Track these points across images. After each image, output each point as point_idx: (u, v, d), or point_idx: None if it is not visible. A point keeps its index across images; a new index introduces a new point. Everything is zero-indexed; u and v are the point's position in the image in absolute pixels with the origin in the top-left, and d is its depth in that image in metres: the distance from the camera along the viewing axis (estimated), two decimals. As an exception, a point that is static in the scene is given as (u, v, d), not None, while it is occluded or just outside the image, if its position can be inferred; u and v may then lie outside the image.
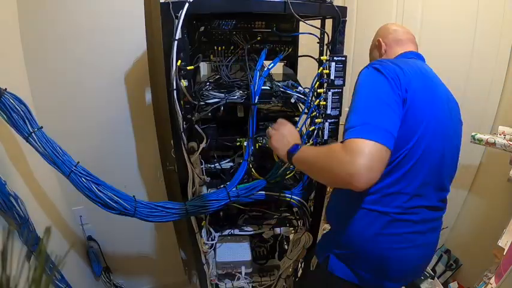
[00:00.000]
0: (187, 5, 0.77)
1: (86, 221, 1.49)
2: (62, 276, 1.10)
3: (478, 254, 1.58)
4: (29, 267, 0.44)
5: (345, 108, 0.83)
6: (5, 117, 0.79)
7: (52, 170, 1.31)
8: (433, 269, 1.78)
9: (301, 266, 1.33)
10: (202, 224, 1.09)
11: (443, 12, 1.65)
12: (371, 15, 2.23)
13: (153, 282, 1.88)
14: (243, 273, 1.20)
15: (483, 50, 1.47)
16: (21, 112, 0.79)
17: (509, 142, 1.18)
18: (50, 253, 0.81)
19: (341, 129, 0.84)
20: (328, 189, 1.20)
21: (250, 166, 0.99)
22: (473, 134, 1.28)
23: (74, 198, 1.43)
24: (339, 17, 0.89)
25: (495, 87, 1.43)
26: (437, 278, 1.72)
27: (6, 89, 0.79)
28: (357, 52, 2.45)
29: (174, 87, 0.83)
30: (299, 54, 1.16)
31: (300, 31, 1.07)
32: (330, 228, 1.00)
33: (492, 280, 1.03)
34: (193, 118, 0.92)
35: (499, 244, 1.05)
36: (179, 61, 0.81)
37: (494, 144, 1.21)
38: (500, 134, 1.24)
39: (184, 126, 0.89)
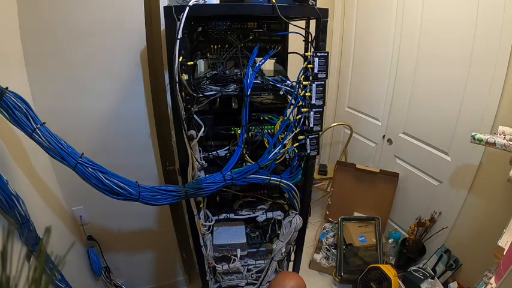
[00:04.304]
0: (187, 8, 0.85)
1: (86, 221, 1.50)
2: (62, 276, 1.10)
3: (478, 254, 1.58)
4: (29, 267, 0.44)
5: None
6: (8, 115, 0.79)
7: (52, 170, 1.34)
8: (433, 269, 1.78)
9: (293, 250, 1.41)
10: (201, 206, 1.17)
11: (444, 12, 1.65)
12: (371, 14, 2.23)
13: (153, 282, 1.89)
14: (239, 256, 1.27)
15: (483, 50, 1.47)
16: (24, 109, 0.80)
17: (509, 142, 1.18)
18: (50, 253, 0.81)
19: (325, 117, 0.94)
20: (329, 189, 1.21)
21: (244, 152, 1.08)
22: (473, 134, 1.28)
23: (74, 198, 1.43)
24: (320, 17, 0.97)
25: (495, 87, 1.43)
26: (437, 278, 1.72)
27: (7, 88, 0.79)
28: (357, 50, 2.45)
29: (177, 80, 0.91)
30: (289, 52, 1.27)
31: (290, 31, 1.16)
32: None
33: (492, 280, 1.03)
34: (192, 109, 1.01)
35: (499, 244, 1.05)
36: (181, 57, 0.89)
37: (494, 144, 1.21)
38: (500, 134, 1.24)
39: (185, 115, 0.98)
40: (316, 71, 1.01)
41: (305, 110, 1.06)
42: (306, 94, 1.04)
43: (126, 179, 0.94)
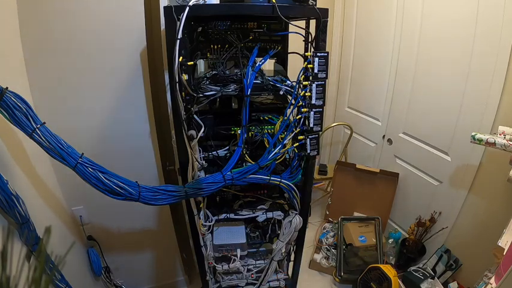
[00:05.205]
0: (187, 8, 0.86)
1: (86, 221, 1.50)
2: (62, 276, 1.10)
3: (478, 254, 1.58)
4: (29, 267, 0.44)
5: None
6: (8, 115, 0.79)
7: (52, 170, 1.34)
8: (433, 269, 1.78)
9: (293, 250, 1.42)
10: (201, 206, 1.17)
11: (444, 12, 1.65)
12: (371, 14, 2.23)
13: (153, 282, 1.89)
14: (239, 256, 1.27)
15: (483, 49, 1.47)
16: (24, 109, 0.80)
17: (509, 142, 1.18)
18: (50, 253, 0.81)
19: (325, 117, 0.93)
20: (329, 189, 1.21)
21: (244, 152, 1.08)
22: (473, 134, 1.28)
23: (74, 198, 1.43)
24: (320, 17, 0.97)
25: (495, 87, 1.43)
26: (437, 278, 1.72)
27: (7, 88, 0.79)
28: (357, 50, 2.45)
29: (177, 80, 0.92)
30: (289, 52, 1.27)
31: (290, 31, 1.15)
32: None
33: (492, 280, 1.03)
34: (192, 109, 1.01)
35: (499, 244, 1.05)
36: (181, 57, 0.89)
37: (494, 144, 1.21)
38: (500, 134, 1.24)
39: (185, 115, 0.98)
40: (316, 71, 1.01)
41: (305, 110, 1.06)
42: (306, 94, 1.04)
43: (126, 179, 0.94)
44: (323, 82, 1.04)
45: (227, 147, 1.13)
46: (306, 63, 1.02)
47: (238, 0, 0.93)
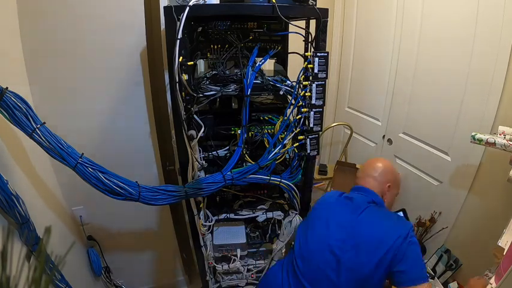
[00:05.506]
0: (187, 8, 0.86)
1: (86, 221, 1.50)
2: (62, 276, 1.10)
3: (478, 254, 1.58)
4: (29, 267, 0.44)
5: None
6: (8, 115, 0.79)
7: (52, 170, 1.34)
8: (433, 269, 1.78)
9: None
10: (201, 206, 1.17)
11: (444, 11, 1.65)
12: (371, 14, 2.23)
13: (153, 282, 1.89)
14: (239, 256, 1.27)
15: (483, 50, 1.47)
16: (24, 110, 0.81)
17: (509, 142, 1.18)
18: (50, 253, 0.81)
19: (325, 117, 0.92)
20: (329, 189, 1.22)
21: (244, 152, 1.08)
22: (473, 134, 1.28)
23: (74, 198, 1.43)
24: (320, 17, 0.97)
25: (495, 87, 1.43)
26: (437, 278, 1.72)
27: (7, 88, 0.79)
28: (357, 50, 2.45)
29: (177, 80, 0.92)
30: (289, 52, 1.26)
31: (290, 31, 1.15)
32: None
33: (492, 280, 1.03)
34: (192, 109, 1.01)
35: (499, 244, 1.05)
36: (181, 57, 0.89)
37: (494, 144, 1.21)
38: (500, 134, 1.24)
39: (185, 115, 0.98)
40: (316, 71, 1.01)
41: (305, 110, 1.07)
42: (306, 94, 1.04)
43: (126, 179, 0.94)
44: (323, 82, 1.04)
45: (227, 147, 1.13)
46: (306, 63, 1.02)
47: (238, 0, 0.93)
